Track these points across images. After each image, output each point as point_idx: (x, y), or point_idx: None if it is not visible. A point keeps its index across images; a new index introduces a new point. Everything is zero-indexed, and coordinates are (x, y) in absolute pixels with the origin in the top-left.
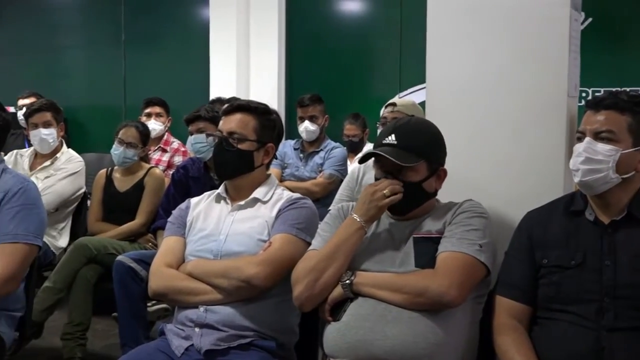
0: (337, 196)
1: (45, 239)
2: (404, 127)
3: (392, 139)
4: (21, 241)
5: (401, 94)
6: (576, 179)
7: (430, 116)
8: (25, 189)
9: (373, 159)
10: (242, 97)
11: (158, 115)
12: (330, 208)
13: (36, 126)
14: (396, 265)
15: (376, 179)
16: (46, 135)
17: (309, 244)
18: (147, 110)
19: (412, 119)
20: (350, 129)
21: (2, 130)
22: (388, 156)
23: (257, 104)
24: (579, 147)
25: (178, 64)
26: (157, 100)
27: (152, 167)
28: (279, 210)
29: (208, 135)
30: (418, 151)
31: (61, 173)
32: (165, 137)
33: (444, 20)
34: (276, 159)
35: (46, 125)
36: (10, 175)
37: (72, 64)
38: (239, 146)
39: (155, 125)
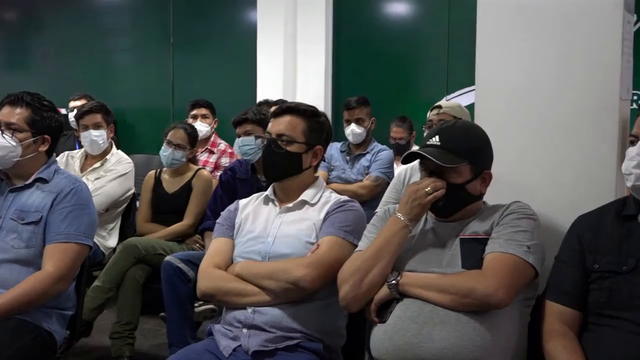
0: (384, 198)
1: (95, 239)
2: (448, 129)
3: (435, 140)
4: (72, 241)
5: (448, 97)
6: (629, 183)
7: (479, 119)
8: (77, 190)
9: (419, 160)
10: (289, 99)
11: (204, 117)
12: (376, 210)
13: (86, 127)
14: (442, 266)
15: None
16: (96, 136)
17: (357, 246)
18: (193, 112)
19: (457, 122)
20: (397, 131)
21: (56, 131)
22: (429, 156)
23: (306, 107)
24: (632, 151)
25: (225, 67)
26: (203, 102)
27: (200, 168)
28: (327, 213)
29: (257, 137)
30: (461, 153)
31: (111, 174)
32: (212, 138)
33: (495, 21)
34: (324, 161)
35: (96, 126)
36: (63, 176)
37: (121, 67)
38: (288, 148)
39: (201, 127)
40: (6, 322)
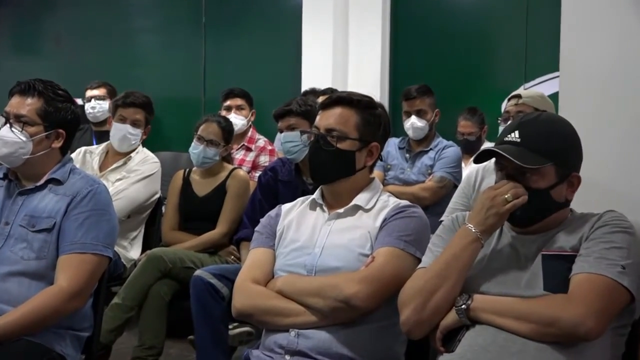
0: (451, 204)
1: (115, 249)
2: (530, 123)
3: (515, 136)
4: (90, 251)
5: (527, 85)
6: None
7: (564, 111)
8: (95, 192)
9: (494, 159)
10: (340, 88)
11: (239, 108)
12: (442, 218)
13: (124, 120)
14: (521, 287)
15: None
16: (131, 134)
17: (418, 260)
18: (227, 103)
19: (541, 115)
20: (465, 125)
21: (72, 125)
22: (508, 155)
23: (360, 97)
24: None
25: (265, 50)
26: (238, 91)
27: (236, 168)
28: (384, 220)
29: (302, 132)
30: (545, 152)
31: (134, 175)
32: (249, 134)
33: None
34: (380, 160)
35: (135, 124)
36: (79, 177)
37: (145, 51)
38: (339, 145)
39: (236, 120)
40: (13, 344)
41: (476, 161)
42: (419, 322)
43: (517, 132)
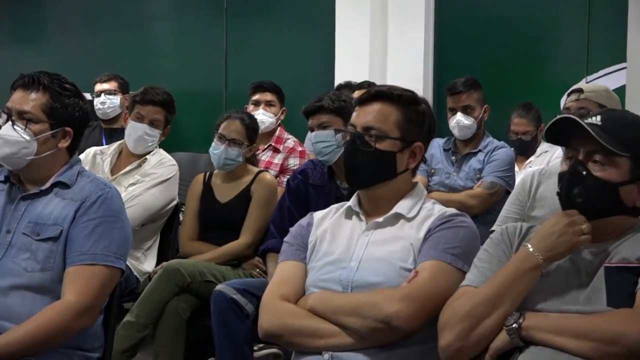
0: (503, 212)
1: (128, 261)
2: (612, 112)
3: (597, 119)
4: (100, 263)
5: (589, 78)
6: None
7: (631, 107)
8: (106, 197)
9: (561, 155)
10: (378, 81)
11: (269, 104)
12: (493, 228)
13: (141, 119)
14: (580, 303)
15: (559, 176)
16: (149, 135)
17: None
18: (255, 97)
19: (623, 110)
20: (519, 123)
21: (80, 123)
22: (589, 129)
23: (401, 91)
24: None
25: (294, 39)
26: (268, 85)
27: (262, 171)
28: (429, 230)
29: (337, 131)
30: (625, 142)
31: (150, 179)
32: (277, 133)
33: None
34: (424, 162)
35: (154, 123)
36: (88, 180)
37: (160, 39)
38: (377, 145)
39: (263, 117)
40: None
41: (548, 137)
42: (461, 349)
43: (599, 117)
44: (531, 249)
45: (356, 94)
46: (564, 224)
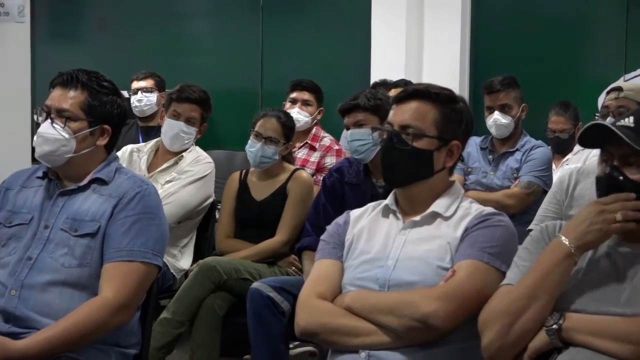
0: (540, 212)
1: (164, 258)
2: None
3: (629, 121)
4: (138, 259)
5: (628, 76)
6: None
7: None
8: (143, 194)
9: (597, 158)
10: (414, 79)
11: (305, 103)
12: (530, 227)
13: (178, 117)
14: (621, 304)
15: (597, 179)
16: (185, 133)
17: (505, 274)
18: (293, 95)
19: None
20: (556, 121)
21: (118, 120)
22: (622, 135)
23: (438, 89)
24: None
25: (330, 37)
26: (307, 84)
27: (298, 169)
28: (466, 229)
29: (374, 129)
30: None
31: (186, 177)
32: (313, 131)
33: None
34: (461, 161)
35: (190, 121)
36: (126, 177)
37: (197, 37)
38: (415, 144)
39: (298, 115)
40: None
41: (581, 142)
42: (502, 347)
43: (632, 118)
44: (563, 239)
45: (392, 92)
46: (595, 212)
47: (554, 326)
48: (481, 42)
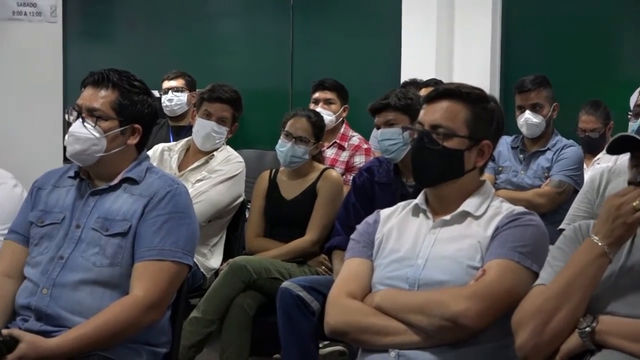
0: (571, 211)
1: (195, 257)
2: None
3: None
4: (168, 258)
5: None
6: None
7: None
8: (174, 194)
9: (628, 156)
10: (444, 79)
11: (327, 102)
12: (561, 227)
13: (209, 116)
14: None
15: (629, 183)
16: (216, 132)
17: (535, 274)
18: (316, 95)
19: None
20: (587, 121)
21: (149, 120)
22: None
23: (469, 89)
24: None
25: (361, 37)
26: (329, 84)
27: (328, 168)
28: (497, 228)
29: (404, 129)
30: None
31: (217, 176)
32: (341, 130)
33: None
34: (492, 160)
35: (221, 121)
36: (157, 176)
37: (226, 37)
38: (445, 143)
39: (323, 115)
40: (85, 359)
41: (610, 150)
42: (537, 346)
43: None
44: (595, 238)
45: (422, 91)
46: (614, 207)
47: (587, 329)
48: (512, 41)
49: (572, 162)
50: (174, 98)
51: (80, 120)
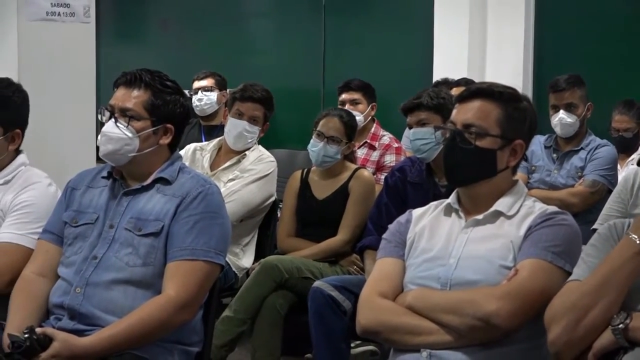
0: (605, 210)
1: (227, 257)
2: None
3: None
4: (201, 258)
5: None
6: None
7: None
8: (206, 193)
9: None
10: (476, 78)
11: (354, 102)
12: (595, 226)
13: (241, 115)
14: None
15: None
16: (248, 132)
17: (568, 274)
18: (342, 97)
19: None
20: (620, 120)
21: (181, 120)
22: None
23: (502, 88)
24: None
25: (393, 36)
26: (355, 85)
27: (360, 168)
28: (529, 228)
29: (436, 128)
30: None
31: (249, 175)
32: (372, 129)
33: None
34: (525, 160)
35: (253, 120)
36: (189, 176)
37: (258, 37)
38: (478, 143)
39: None
40: (118, 357)
41: None
42: (569, 342)
43: None
44: (633, 236)
45: (453, 91)
46: None
47: (620, 325)
48: (545, 40)
49: (605, 161)
50: (203, 97)
51: (112, 120)
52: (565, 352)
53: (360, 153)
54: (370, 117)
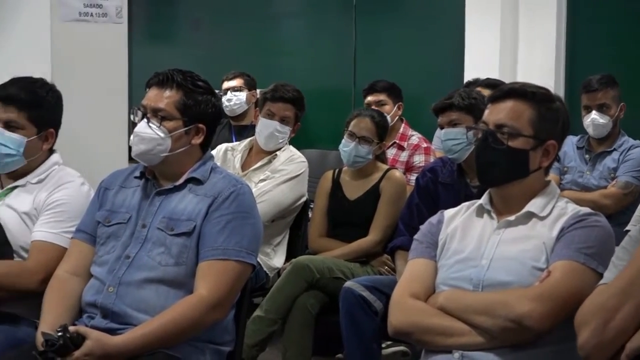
0: (638, 212)
1: (258, 257)
2: None
3: None
4: (232, 258)
5: None
6: None
7: None
8: (238, 193)
9: None
10: (507, 79)
11: (379, 104)
12: (627, 228)
13: (272, 116)
14: None
15: None
16: (279, 132)
17: (601, 275)
18: (367, 99)
19: None
20: None
21: (213, 120)
22: None
23: (534, 89)
24: None
25: (424, 36)
26: (380, 86)
27: (391, 168)
28: (562, 229)
29: (468, 129)
30: None
31: (280, 176)
32: (401, 129)
33: None
34: (557, 161)
35: (284, 120)
36: (220, 176)
37: (289, 37)
38: (510, 143)
39: None
40: (150, 356)
41: None
42: (599, 345)
43: None
44: None
45: (486, 91)
46: None
47: None
48: (577, 40)
49: (639, 162)
50: (232, 98)
51: (145, 120)
52: (595, 356)
53: (389, 153)
54: (397, 117)
